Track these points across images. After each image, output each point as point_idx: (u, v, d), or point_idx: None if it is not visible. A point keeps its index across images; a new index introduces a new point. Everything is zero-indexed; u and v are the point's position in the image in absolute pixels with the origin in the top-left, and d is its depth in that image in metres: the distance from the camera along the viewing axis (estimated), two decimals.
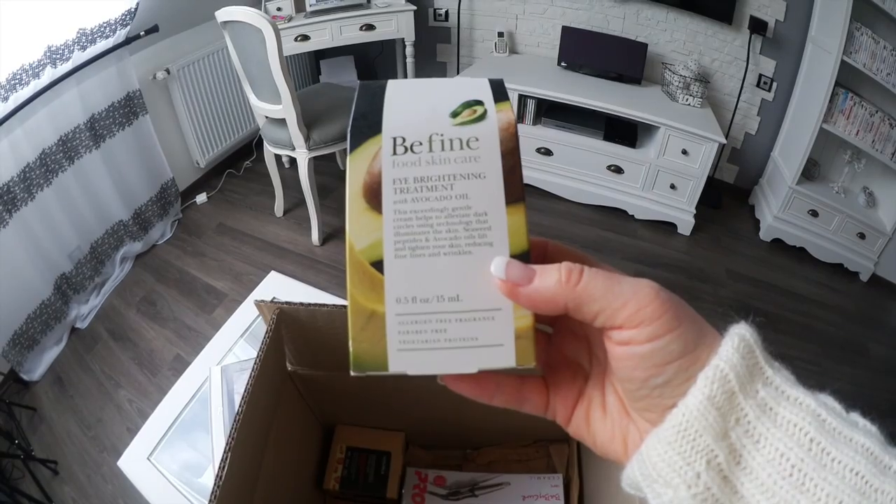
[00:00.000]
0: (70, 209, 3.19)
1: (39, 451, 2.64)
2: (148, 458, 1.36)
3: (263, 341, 0.97)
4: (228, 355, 1.59)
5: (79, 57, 3.06)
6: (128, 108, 3.47)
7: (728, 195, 4.55)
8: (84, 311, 3.27)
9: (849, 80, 3.60)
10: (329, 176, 4.30)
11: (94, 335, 3.20)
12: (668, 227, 4.14)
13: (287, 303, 1.02)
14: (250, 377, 0.91)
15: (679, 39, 4.13)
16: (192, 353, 1.61)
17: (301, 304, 1.02)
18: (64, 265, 3.18)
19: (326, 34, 4.11)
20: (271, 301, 1.02)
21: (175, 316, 3.25)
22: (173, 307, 3.30)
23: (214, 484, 0.76)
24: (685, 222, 4.06)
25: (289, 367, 1.16)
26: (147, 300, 3.36)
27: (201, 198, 4.21)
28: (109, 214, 3.47)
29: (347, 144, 0.41)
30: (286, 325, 1.05)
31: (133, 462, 1.36)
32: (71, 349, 3.13)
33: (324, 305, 1.01)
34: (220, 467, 0.78)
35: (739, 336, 0.37)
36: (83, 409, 2.81)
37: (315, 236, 3.77)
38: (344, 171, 4.52)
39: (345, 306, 0.94)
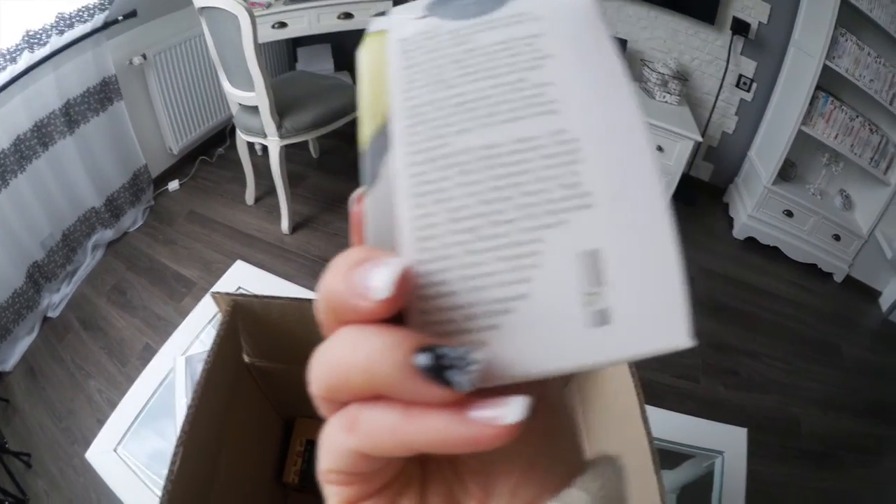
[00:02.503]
0: (43, 196, 3.20)
1: (13, 443, 2.64)
2: (114, 450, 1.37)
3: (217, 334, 0.98)
4: (195, 344, 1.62)
5: (56, 42, 3.07)
6: (103, 94, 3.49)
7: (703, 193, 4.64)
8: (55, 299, 3.29)
9: (830, 84, 3.68)
10: (301, 164, 4.33)
11: (65, 324, 3.24)
12: None
13: (242, 295, 1.03)
14: (203, 370, 0.91)
15: (659, 37, 4.20)
16: (161, 342, 1.63)
17: (255, 296, 1.02)
18: (36, 253, 3.19)
19: (304, 22, 4.14)
20: (234, 292, 1.03)
21: (145, 304, 3.27)
22: (143, 295, 3.33)
23: (167, 479, 0.77)
24: None
25: (246, 359, 1.18)
26: (117, 289, 3.39)
27: (173, 185, 4.23)
28: (82, 201, 3.49)
29: None
30: (242, 317, 1.06)
31: (100, 454, 1.37)
32: (43, 339, 3.16)
33: (278, 298, 1.02)
34: (171, 461, 0.78)
35: None
36: (55, 401, 2.84)
37: (285, 225, 3.82)
38: (316, 159, 4.58)
39: (299, 299, 0.99)
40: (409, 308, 0.28)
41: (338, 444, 0.27)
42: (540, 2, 0.32)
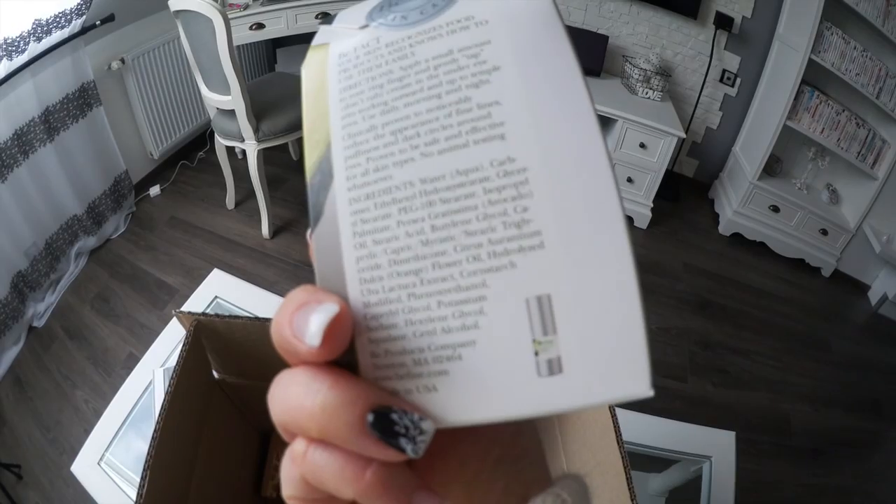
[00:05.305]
0: (25, 205, 3.22)
1: (3, 454, 2.66)
2: (98, 464, 1.38)
3: (181, 354, 0.98)
4: (175, 353, 1.60)
5: (34, 48, 3.07)
6: (82, 100, 3.50)
7: (687, 189, 4.73)
8: (40, 309, 3.33)
9: (816, 78, 3.77)
10: (281, 167, 4.36)
11: (50, 334, 3.25)
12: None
13: (204, 314, 1.03)
14: (167, 391, 0.91)
15: (641, 33, 4.27)
16: (144, 350, 1.63)
17: (217, 315, 1.03)
18: (20, 263, 3.25)
19: (282, 22, 4.19)
20: (200, 311, 1.02)
21: (128, 313, 3.34)
22: (126, 304, 3.39)
23: (135, 501, 0.77)
24: (642, 216, 4.23)
25: (216, 376, 1.19)
26: (101, 297, 3.44)
27: (154, 190, 4.24)
28: (64, 209, 3.51)
29: None
30: (206, 335, 1.06)
31: (85, 466, 1.38)
32: (29, 348, 3.17)
33: (239, 318, 1.02)
34: (139, 485, 0.78)
35: None
36: (42, 411, 2.86)
37: (265, 229, 3.86)
38: (296, 162, 4.58)
39: (261, 318, 0.98)
40: (360, 350, 0.27)
41: (291, 472, 0.28)
42: (490, 1, 0.29)
